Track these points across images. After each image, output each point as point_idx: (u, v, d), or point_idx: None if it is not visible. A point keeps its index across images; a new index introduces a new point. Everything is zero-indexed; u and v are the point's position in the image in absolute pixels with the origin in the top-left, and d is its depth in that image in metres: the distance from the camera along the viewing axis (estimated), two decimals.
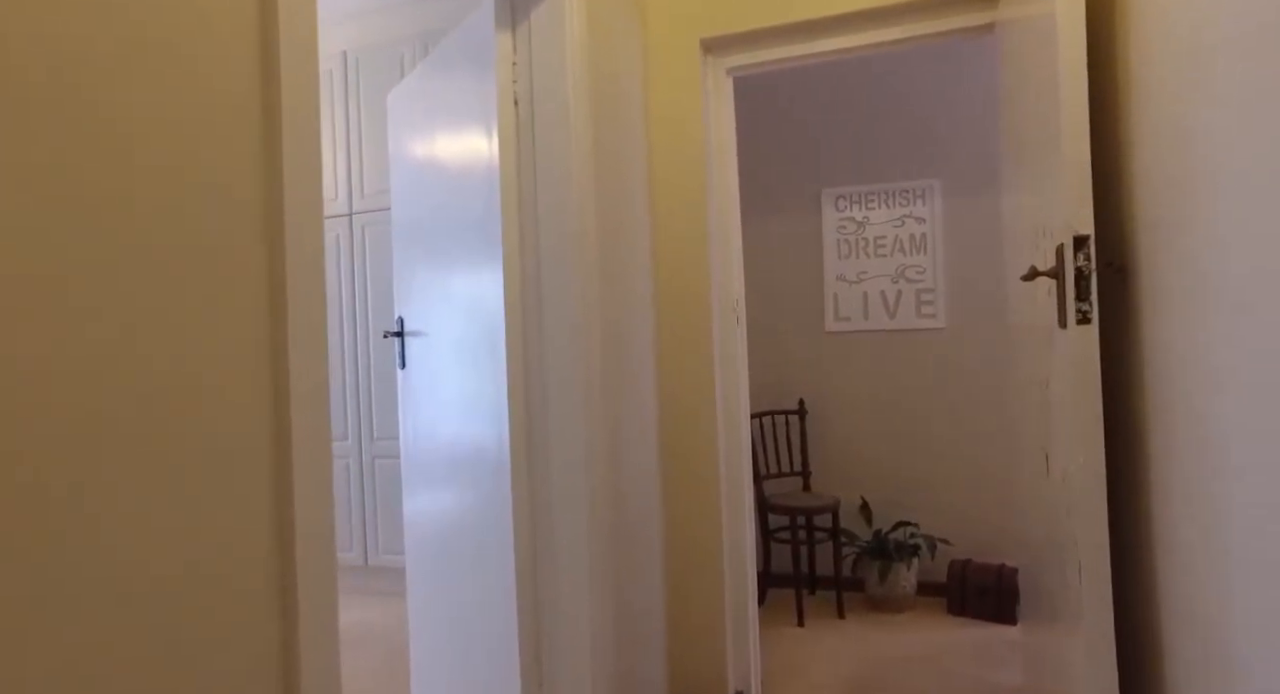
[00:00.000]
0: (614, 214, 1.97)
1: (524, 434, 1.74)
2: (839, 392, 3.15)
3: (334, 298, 3.34)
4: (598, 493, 1.75)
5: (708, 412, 2.18)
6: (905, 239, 3.10)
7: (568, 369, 1.70)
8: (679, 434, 2.19)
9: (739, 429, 2.30)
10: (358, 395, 3.30)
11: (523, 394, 1.73)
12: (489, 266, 1.78)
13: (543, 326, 1.72)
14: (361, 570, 3.32)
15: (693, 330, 2.19)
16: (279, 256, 0.84)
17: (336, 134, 3.33)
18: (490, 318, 1.77)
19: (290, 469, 0.82)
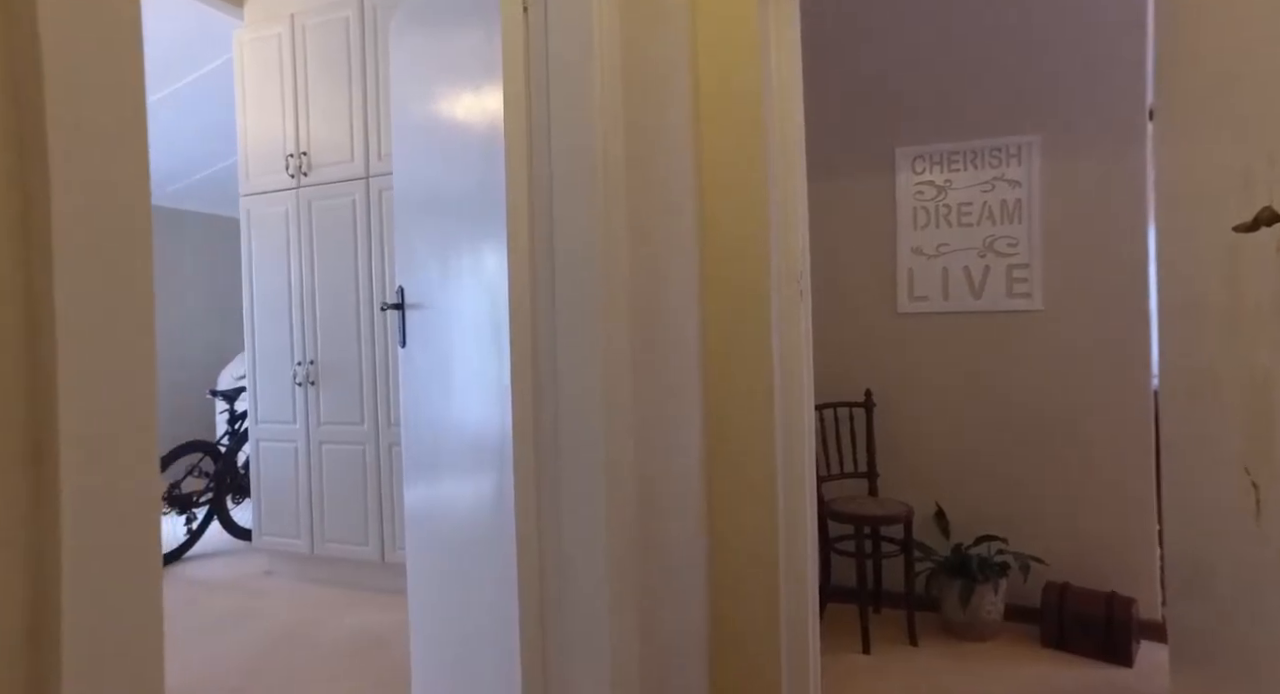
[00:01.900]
0: (649, 165, 1.61)
1: (530, 427, 1.42)
2: (912, 382, 2.74)
3: (349, 269, 3.06)
4: (619, 495, 1.43)
5: (763, 401, 1.82)
6: (995, 206, 2.65)
7: (584, 350, 1.36)
8: (728, 427, 1.84)
9: (801, 422, 1.93)
10: (374, 375, 3.02)
11: (530, 381, 1.40)
12: (494, 228, 1.46)
13: (555, 299, 1.38)
14: (378, 567, 3.06)
15: (747, 306, 1.83)
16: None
17: (353, 90, 3.03)
18: (494, 289, 1.47)
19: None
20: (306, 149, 3.12)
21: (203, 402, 5.52)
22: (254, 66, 3.24)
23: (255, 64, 3.24)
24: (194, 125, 4.28)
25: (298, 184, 3.15)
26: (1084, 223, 2.52)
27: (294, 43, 3.14)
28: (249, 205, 3.28)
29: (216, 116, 4.12)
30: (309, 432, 3.16)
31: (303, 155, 3.13)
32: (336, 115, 3.07)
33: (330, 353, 3.11)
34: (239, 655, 2.46)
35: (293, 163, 3.15)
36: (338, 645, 2.52)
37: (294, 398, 3.18)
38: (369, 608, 2.87)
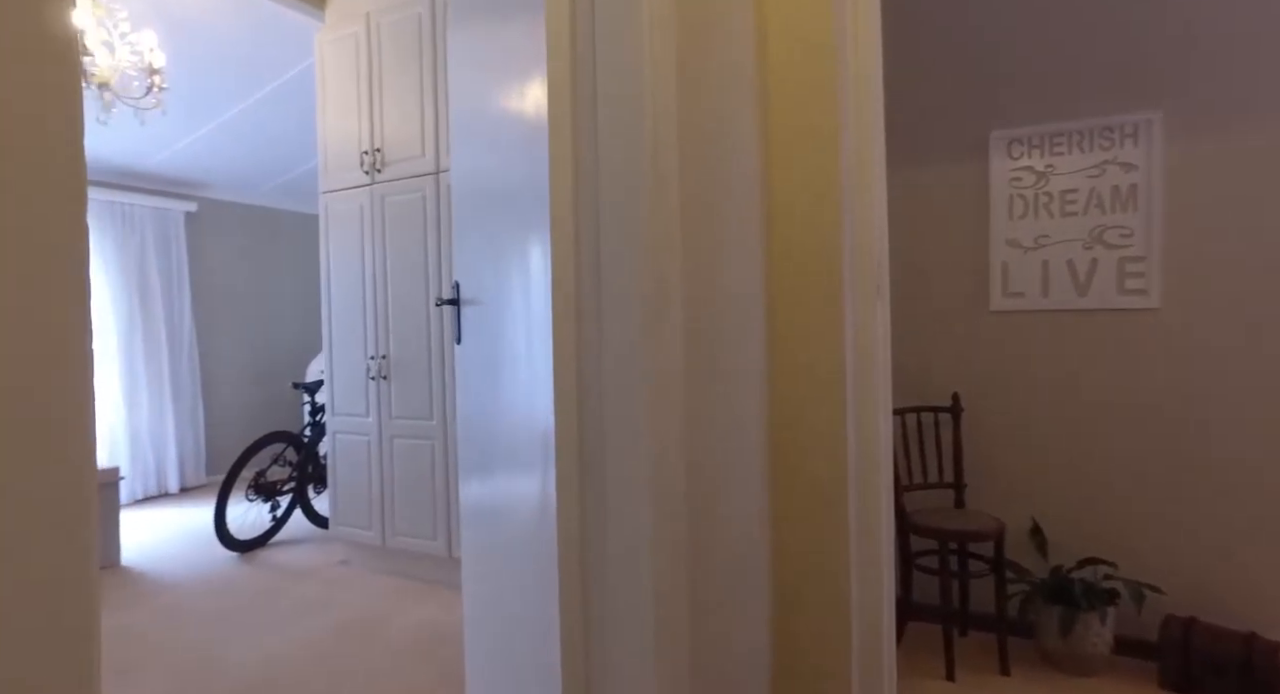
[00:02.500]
0: (706, 154, 1.50)
1: (573, 425, 1.34)
2: (1005, 385, 2.50)
3: (418, 264, 3.07)
4: (666, 499, 1.34)
5: (833, 406, 1.68)
6: (1105, 192, 2.38)
7: (631, 348, 1.27)
8: (795, 433, 1.70)
9: (876, 429, 1.78)
10: (442, 371, 3.03)
11: (574, 378, 1.32)
12: (539, 220, 1.40)
13: (601, 295, 1.29)
14: (445, 562, 3.07)
15: (816, 304, 1.69)
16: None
17: (424, 86, 3.04)
18: (540, 284, 1.40)
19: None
20: (380, 146, 3.16)
21: (292, 393, 5.77)
22: (333, 66, 3.31)
23: (334, 63, 3.30)
24: (286, 126, 4.44)
25: (372, 181, 3.19)
26: (1217, 211, 2.22)
27: (369, 41, 3.18)
28: (327, 202, 3.36)
29: (307, 117, 4.26)
30: (381, 425, 3.21)
31: (376, 152, 3.17)
32: (408, 111, 3.09)
33: (401, 347, 3.14)
34: (312, 643, 2.51)
35: (367, 159, 3.19)
36: (404, 639, 2.54)
37: (367, 391, 3.24)
38: (436, 603, 2.88)
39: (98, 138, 4.24)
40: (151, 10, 3.24)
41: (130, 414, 4.76)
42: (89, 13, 2.90)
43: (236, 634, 2.60)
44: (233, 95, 4.10)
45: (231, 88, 4.03)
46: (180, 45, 3.52)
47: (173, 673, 2.31)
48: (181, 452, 5.05)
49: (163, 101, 3.12)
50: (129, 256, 4.80)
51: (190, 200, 5.19)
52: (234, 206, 5.54)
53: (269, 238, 5.80)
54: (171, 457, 4.95)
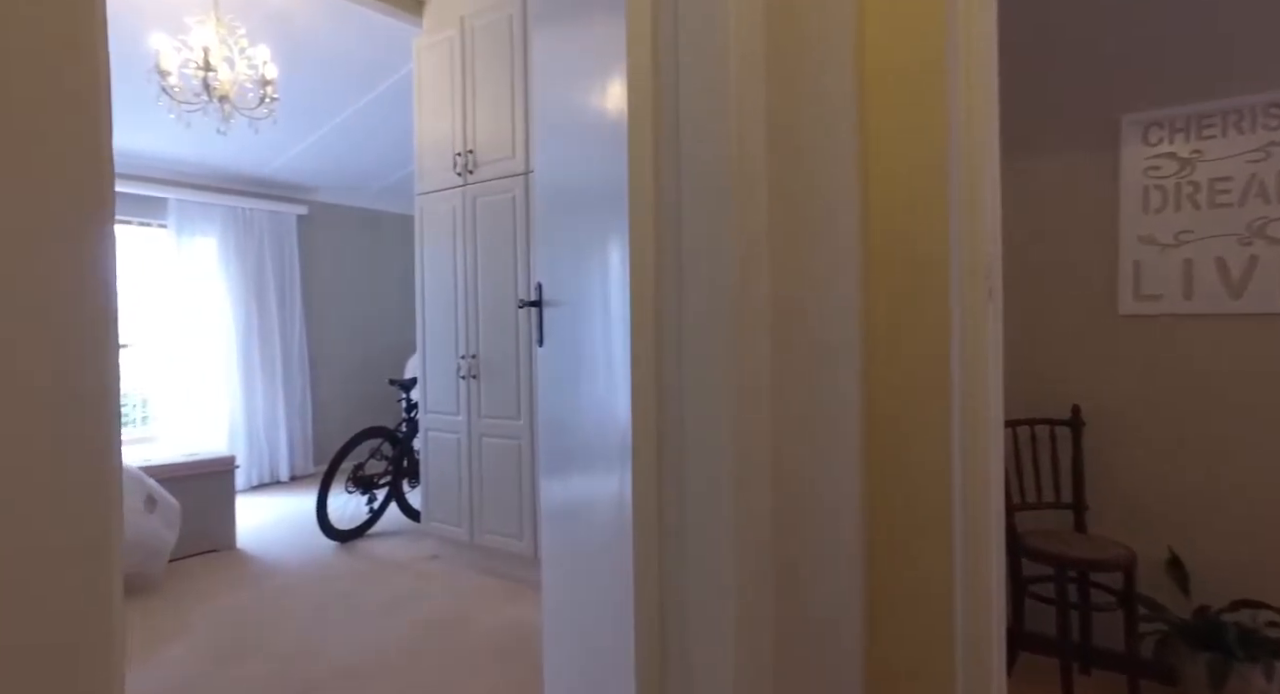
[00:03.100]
0: (799, 139, 1.39)
1: (651, 434, 1.28)
2: (1137, 398, 2.25)
3: (508, 264, 3.09)
4: (750, 516, 1.26)
5: (938, 417, 1.54)
6: (1270, 179, 2.09)
7: (713, 352, 1.19)
8: (893, 445, 1.57)
9: (986, 442, 1.62)
10: (530, 371, 3.04)
11: (653, 383, 1.25)
12: (618, 220, 1.36)
13: (682, 295, 1.22)
14: (531, 562, 3.08)
15: (919, 307, 1.55)
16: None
17: (515, 87, 3.05)
18: (619, 286, 1.35)
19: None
20: (473, 147, 3.21)
21: (391, 389, 6.00)
22: (429, 70, 3.38)
23: (430, 67, 3.38)
24: (389, 131, 4.61)
25: (464, 182, 3.24)
26: None
27: (463, 44, 3.23)
28: (423, 204, 3.44)
29: (408, 121, 4.41)
30: (470, 424, 3.25)
31: (469, 153, 3.21)
32: (499, 112, 3.11)
33: (490, 347, 3.18)
34: (400, 637, 2.56)
35: (459, 161, 3.24)
36: (487, 638, 2.55)
37: (458, 390, 3.30)
38: (521, 603, 2.89)
39: (220, 147, 4.54)
40: (266, 25, 3.42)
41: (247, 406, 5.08)
42: (213, 31, 3.08)
43: (331, 624, 2.70)
44: (340, 102, 4.29)
45: (339, 95, 4.21)
46: (292, 57, 3.70)
47: (272, 658, 2.41)
48: (291, 442, 5.35)
49: (275, 111, 3.28)
50: (248, 258, 5.12)
51: (302, 204, 5.49)
52: (341, 209, 5.82)
53: (373, 239, 6.06)
54: (282, 447, 5.25)
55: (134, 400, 4.93)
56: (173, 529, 3.12)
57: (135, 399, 4.93)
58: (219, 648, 2.49)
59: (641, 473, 1.35)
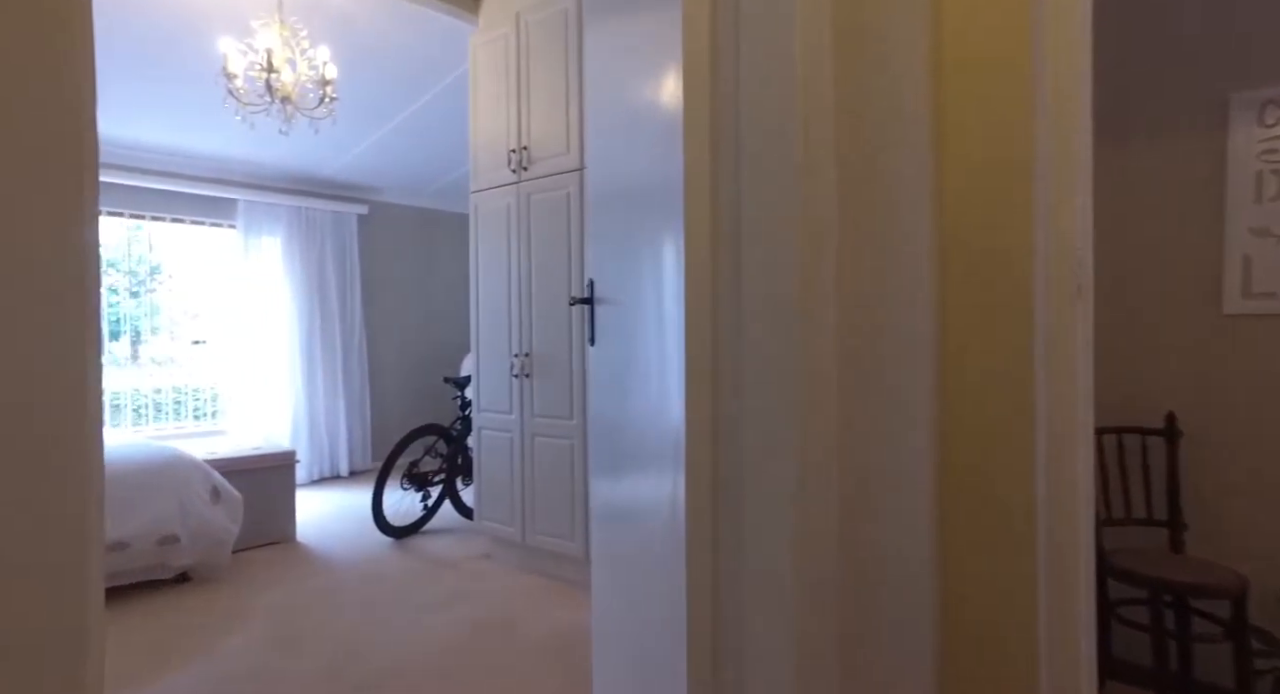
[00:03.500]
0: (866, 127, 1.29)
1: (706, 441, 1.21)
2: (1245, 406, 2.04)
3: (561, 261, 3.05)
4: (812, 527, 1.17)
5: (1019, 424, 1.41)
6: None
7: (775, 356, 1.10)
8: (970, 455, 1.45)
9: (1073, 453, 1.48)
10: (583, 370, 2.99)
11: (708, 386, 1.18)
12: (673, 217, 1.33)
13: (741, 295, 1.13)
14: (582, 564, 3.03)
15: (999, 306, 1.43)
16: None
17: (569, 82, 3.01)
18: (673, 283, 1.30)
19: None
20: (527, 143, 3.18)
21: (446, 387, 6.06)
22: (485, 67, 3.37)
23: (486, 64, 3.36)
24: (447, 130, 4.64)
25: (518, 179, 3.21)
26: None
27: (518, 40, 3.20)
28: (477, 201, 3.43)
29: (466, 120, 4.42)
30: (523, 423, 3.23)
31: (523, 150, 3.18)
32: (554, 108, 3.07)
33: (543, 345, 3.14)
34: (448, 636, 2.54)
35: (514, 158, 3.22)
36: (536, 640, 2.51)
37: (510, 389, 3.27)
38: (572, 605, 2.84)
39: (285, 148, 4.65)
40: (327, 26, 3.47)
41: (309, 401, 5.20)
42: (276, 33, 3.14)
43: (382, 621, 2.70)
44: (399, 102, 4.33)
45: (398, 95, 4.26)
46: (353, 59, 3.75)
47: (323, 653, 2.42)
48: (351, 438, 5.45)
49: (334, 111, 3.32)
50: (310, 257, 5.25)
51: (362, 203, 5.59)
52: (400, 209, 5.91)
53: (431, 238, 6.13)
54: (342, 442, 5.36)
55: (206, 394, 5.11)
56: (235, 521, 3.18)
57: (206, 393, 5.11)
58: (276, 640, 2.52)
59: (695, 476, 1.29)
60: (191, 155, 4.64)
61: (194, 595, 2.96)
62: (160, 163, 4.61)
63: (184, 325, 5.10)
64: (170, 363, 5.02)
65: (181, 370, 5.05)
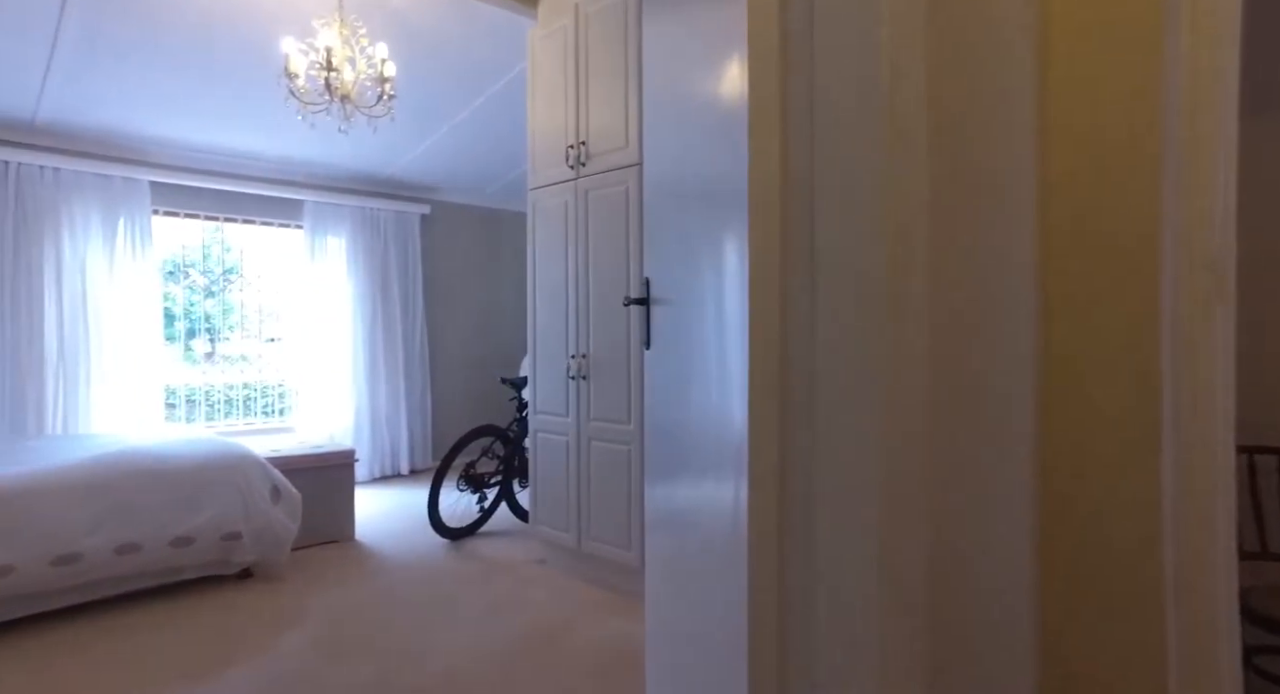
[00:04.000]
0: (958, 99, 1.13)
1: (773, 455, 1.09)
2: None
3: (619, 259, 2.94)
4: (896, 555, 1.03)
5: (1144, 442, 1.22)
6: None
7: (853, 362, 0.95)
8: (1080, 477, 1.26)
9: (1210, 479, 1.26)
10: (640, 372, 2.87)
11: (775, 397, 1.06)
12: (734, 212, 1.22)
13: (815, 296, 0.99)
14: (637, 573, 2.91)
15: (1118, 306, 1.24)
16: None
17: (629, 75, 2.89)
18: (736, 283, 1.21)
19: None
20: (585, 138, 3.08)
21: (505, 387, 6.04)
22: (543, 61, 3.29)
23: (544, 59, 3.28)
24: (508, 128, 4.59)
25: (576, 175, 3.12)
26: None
27: (577, 33, 3.11)
28: (535, 199, 3.36)
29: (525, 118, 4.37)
30: (579, 426, 3.13)
31: (581, 145, 3.09)
32: (612, 102, 2.96)
33: (600, 347, 3.04)
34: (500, 645, 2.47)
35: (572, 153, 3.12)
36: (589, 652, 2.41)
37: (567, 391, 3.18)
38: (626, 616, 2.73)
39: (350, 149, 4.69)
40: (388, 25, 3.45)
41: (371, 400, 5.26)
42: (336, 32, 3.13)
43: (437, 626, 2.64)
44: (459, 102, 4.31)
45: (458, 95, 4.23)
46: (413, 58, 3.73)
47: (379, 657, 2.37)
48: (411, 436, 5.49)
49: (392, 109, 3.29)
50: (374, 257, 5.30)
51: (425, 203, 5.62)
52: (461, 208, 5.92)
53: (492, 237, 6.13)
54: (403, 441, 5.40)
55: (275, 392, 5.23)
56: (294, 519, 3.20)
57: (276, 391, 5.23)
58: (330, 642, 2.49)
59: (759, 490, 1.17)
60: (261, 158, 4.73)
61: (254, 592, 2.98)
62: (233, 165, 4.73)
63: (258, 324, 5.23)
64: (242, 360, 5.15)
65: (254, 368, 5.18)
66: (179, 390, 4.84)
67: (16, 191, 3.99)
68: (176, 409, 4.81)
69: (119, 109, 3.93)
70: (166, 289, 4.79)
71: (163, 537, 2.82)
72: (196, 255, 4.95)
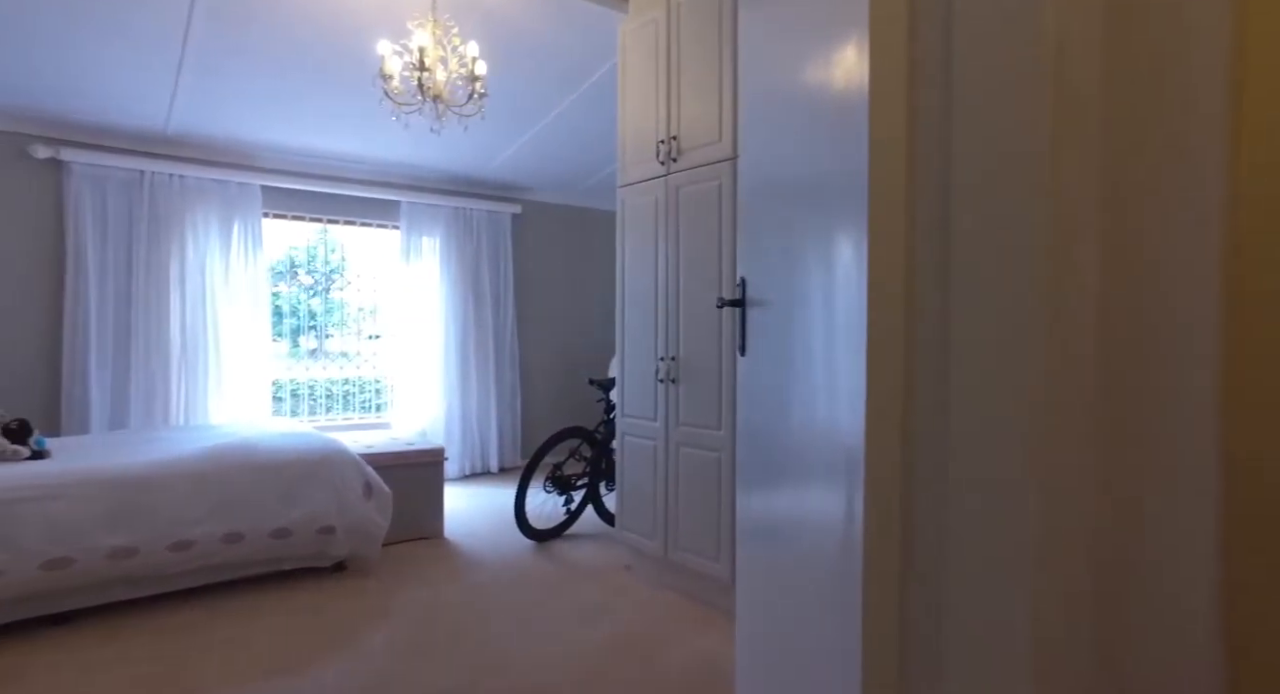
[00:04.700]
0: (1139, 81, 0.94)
1: (895, 469, 0.99)
2: None
3: (711, 259, 2.81)
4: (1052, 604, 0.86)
5: None
6: None
7: (1005, 378, 0.81)
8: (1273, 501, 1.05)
9: None
10: (733, 377, 2.73)
11: (897, 407, 0.92)
12: (850, 209, 1.15)
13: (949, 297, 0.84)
14: (727, 587, 2.78)
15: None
16: None
17: (723, 66, 2.76)
18: (851, 284, 1.08)
19: None
20: (676, 133, 2.96)
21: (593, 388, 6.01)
22: (634, 55, 3.20)
23: (635, 52, 3.20)
24: (600, 126, 4.54)
25: (667, 171, 3.01)
26: None
27: (669, 25, 3.00)
28: (624, 196, 3.28)
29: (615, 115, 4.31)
30: (668, 431, 3.02)
31: (672, 140, 2.98)
32: (705, 94, 2.84)
33: (691, 349, 2.92)
34: (582, 657, 2.39)
35: (663, 149, 3.02)
36: (678, 670, 2.30)
37: (655, 394, 3.08)
38: (715, 632, 2.60)
39: (443, 150, 4.77)
40: (481, 25, 3.45)
41: (462, 398, 5.34)
42: (430, 32, 3.15)
43: (521, 633, 2.60)
44: (550, 100, 4.29)
45: (549, 93, 4.21)
46: (505, 57, 3.73)
47: (461, 663, 2.35)
48: (501, 435, 5.55)
49: (483, 107, 3.29)
50: (467, 257, 5.38)
51: (516, 203, 5.67)
52: (552, 207, 5.94)
53: (582, 237, 6.12)
54: (493, 439, 5.47)
55: (372, 389, 5.40)
56: (385, 516, 3.25)
57: (373, 387, 5.40)
58: (415, 642, 2.49)
59: (877, 506, 1.04)
60: (360, 160, 4.88)
61: (346, 587, 3.04)
62: (335, 168, 4.91)
63: (360, 322, 5.42)
64: (342, 357, 5.35)
65: (353, 365, 5.37)
66: (285, 385, 5.07)
67: (150, 198, 4.26)
68: (283, 403, 5.04)
69: (234, 118, 4.14)
70: (276, 288, 5.03)
71: (264, 528, 2.92)
72: (304, 255, 5.17)
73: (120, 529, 2.65)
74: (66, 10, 3.10)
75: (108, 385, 4.16)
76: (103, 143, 4.17)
